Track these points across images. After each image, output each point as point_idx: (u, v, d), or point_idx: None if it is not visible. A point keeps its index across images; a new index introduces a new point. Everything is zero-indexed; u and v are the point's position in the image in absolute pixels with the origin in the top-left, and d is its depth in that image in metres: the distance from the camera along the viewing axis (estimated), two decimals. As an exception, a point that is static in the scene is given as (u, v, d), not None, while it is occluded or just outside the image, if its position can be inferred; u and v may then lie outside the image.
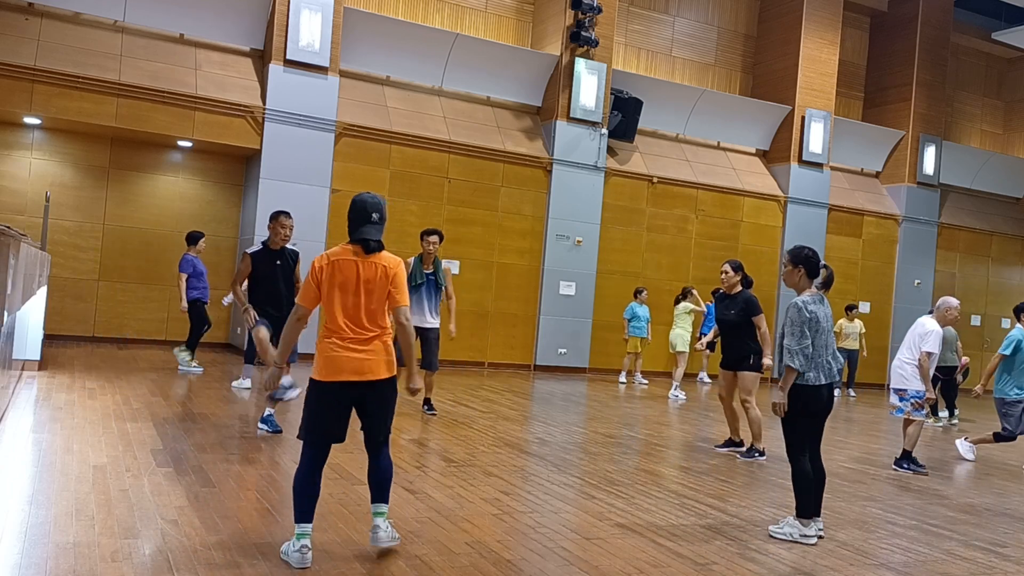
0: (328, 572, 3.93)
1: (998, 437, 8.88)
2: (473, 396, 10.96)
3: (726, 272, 8.14)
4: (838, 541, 5.25)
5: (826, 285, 5.42)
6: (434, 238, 8.85)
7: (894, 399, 8.18)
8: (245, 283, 7.41)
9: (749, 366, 8.01)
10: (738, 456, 8.06)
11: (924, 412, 8.14)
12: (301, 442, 4.20)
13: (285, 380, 9.87)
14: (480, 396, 11.05)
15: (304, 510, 4.07)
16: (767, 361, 7.96)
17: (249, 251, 7.41)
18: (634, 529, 5.13)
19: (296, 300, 4.35)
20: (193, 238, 11.38)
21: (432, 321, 8.83)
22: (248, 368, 9.70)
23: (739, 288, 8.13)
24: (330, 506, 5.06)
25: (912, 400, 8.03)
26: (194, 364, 11.05)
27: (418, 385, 4.48)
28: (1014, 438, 8.75)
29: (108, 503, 4.70)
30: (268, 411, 7.36)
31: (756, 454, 8.01)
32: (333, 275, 4.20)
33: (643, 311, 14.44)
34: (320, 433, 4.17)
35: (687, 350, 13.44)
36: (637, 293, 14.59)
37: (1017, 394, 8.63)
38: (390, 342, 4.30)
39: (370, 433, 4.29)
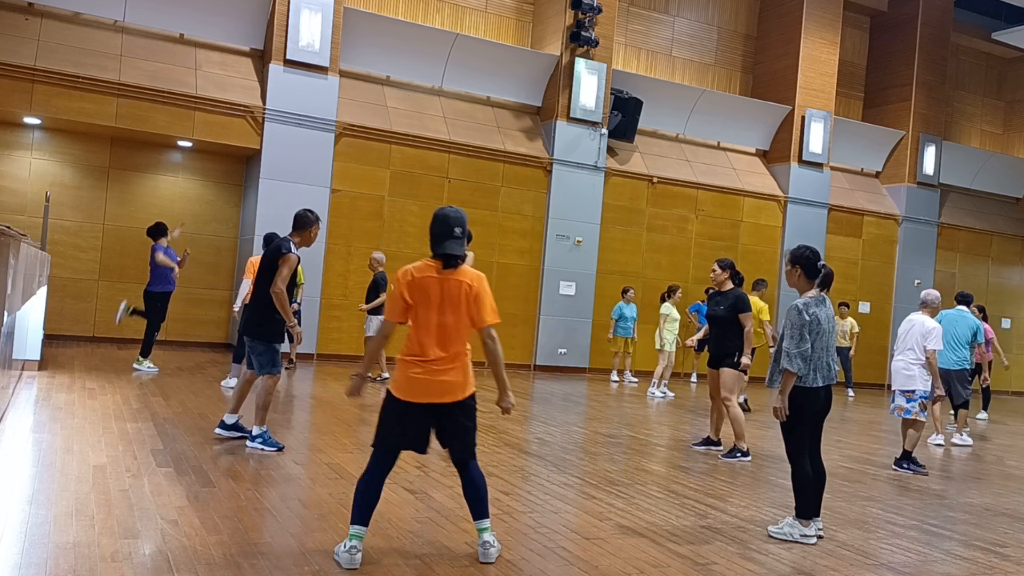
0: (328, 571, 3.93)
1: (958, 406, 10.06)
2: (473, 396, 10.92)
3: (714, 270, 8.24)
4: (838, 541, 5.25)
5: (824, 285, 5.39)
6: None
7: (900, 400, 8.12)
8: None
9: (731, 364, 8.02)
10: (719, 456, 8.04)
11: (927, 413, 8.15)
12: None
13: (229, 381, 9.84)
14: (480, 396, 11.00)
15: (359, 513, 4.10)
16: (745, 360, 7.97)
17: (294, 252, 6.74)
18: (634, 529, 5.13)
19: (385, 316, 4.38)
20: (162, 230, 10.89)
21: None
22: (235, 367, 9.71)
23: (729, 285, 8.18)
24: (330, 506, 5.06)
25: (920, 401, 8.02)
26: (148, 364, 10.68)
27: (510, 403, 4.45)
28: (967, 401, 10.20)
29: (108, 503, 4.70)
30: (263, 427, 6.52)
31: (738, 454, 7.92)
32: (413, 292, 4.16)
33: (630, 310, 14.42)
34: (388, 443, 4.23)
35: (672, 349, 13.36)
36: (624, 292, 14.56)
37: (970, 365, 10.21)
38: (469, 362, 4.30)
39: (453, 452, 4.31)
